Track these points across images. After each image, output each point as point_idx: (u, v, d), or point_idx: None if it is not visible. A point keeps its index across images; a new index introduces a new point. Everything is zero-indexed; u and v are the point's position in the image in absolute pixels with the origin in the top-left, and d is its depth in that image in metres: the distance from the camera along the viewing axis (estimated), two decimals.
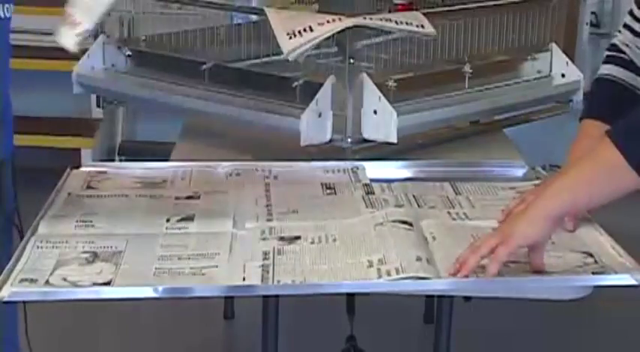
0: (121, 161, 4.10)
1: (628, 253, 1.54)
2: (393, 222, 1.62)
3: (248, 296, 1.66)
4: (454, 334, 1.80)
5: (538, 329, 3.21)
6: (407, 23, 2.07)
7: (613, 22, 4.35)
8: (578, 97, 2.47)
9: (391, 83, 2.08)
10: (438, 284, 1.47)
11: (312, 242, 1.57)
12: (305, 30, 2.01)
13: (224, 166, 1.97)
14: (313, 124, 2.02)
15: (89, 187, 1.85)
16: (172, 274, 1.46)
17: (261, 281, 1.44)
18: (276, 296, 1.70)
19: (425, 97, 2.19)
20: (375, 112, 2.05)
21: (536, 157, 2.19)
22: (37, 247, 1.54)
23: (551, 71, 2.45)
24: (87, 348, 3.04)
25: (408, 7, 2.36)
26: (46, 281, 1.41)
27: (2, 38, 1.72)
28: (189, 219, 1.66)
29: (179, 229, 1.63)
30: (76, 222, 1.64)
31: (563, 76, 2.44)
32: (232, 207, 1.74)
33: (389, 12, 2.30)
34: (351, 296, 2.58)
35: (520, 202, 1.65)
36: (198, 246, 1.55)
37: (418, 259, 1.48)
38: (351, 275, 1.46)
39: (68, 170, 1.92)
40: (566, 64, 2.42)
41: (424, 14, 2.16)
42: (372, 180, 1.91)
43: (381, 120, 2.04)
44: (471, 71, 2.25)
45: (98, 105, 2.56)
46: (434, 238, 1.58)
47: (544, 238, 1.48)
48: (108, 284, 1.41)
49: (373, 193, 1.82)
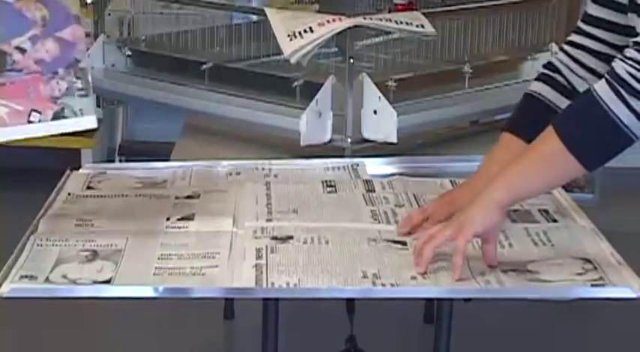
0: (121, 161, 4.10)
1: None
2: (387, 241, 1.60)
3: (247, 299, 1.66)
4: (454, 334, 1.79)
5: (538, 329, 3.21)
6: (407, 23, 2.07)
7: None
8: None
9: (391, 83, 2.08)
10: (437, 292, 1.48)
11: (305, 242, 1.57)
12: (305, 31, 2.01)
13: (224, 165, 1.97)
14: (313, 124, 2.02)
15: (89, 188, 1.85)
16: (172, 274, 1.45)
17: (255, 281, 1.43)
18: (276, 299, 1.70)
19: (425, 97, 2.19)
20: (375, 112, 2.05)
21: None
22: (37, 245, 1.54)
23: None
24: (87, 348, 3.04)
25: (408, 7, 2.36)
26: (46, 279, 1.42)
27: None
28: (189, 218, 1.66)
29: (179, 228, 1.63)
30: (76, 220, 1.64)
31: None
32: (232, 206, 1.74)
33: (389, 12, 2.30)
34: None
35: (421, 212, 1.67)
36: (199, 245, 1.55)
37: (413, 278, 1.47)
38: (346, 281, 1.45)
39: (68, 171, 1.92)
40: None
41: (424, 14, 2.16)
42: (373, 176, 1.92)
43: (381, 120, 2.04)
44: (471, 71, 2.25)
45: (98, 105, 2.56)
46: None
47: (497, 227, 1.50)
48: (108, 282, 1.41)
49: (374, 191, 1.82)
